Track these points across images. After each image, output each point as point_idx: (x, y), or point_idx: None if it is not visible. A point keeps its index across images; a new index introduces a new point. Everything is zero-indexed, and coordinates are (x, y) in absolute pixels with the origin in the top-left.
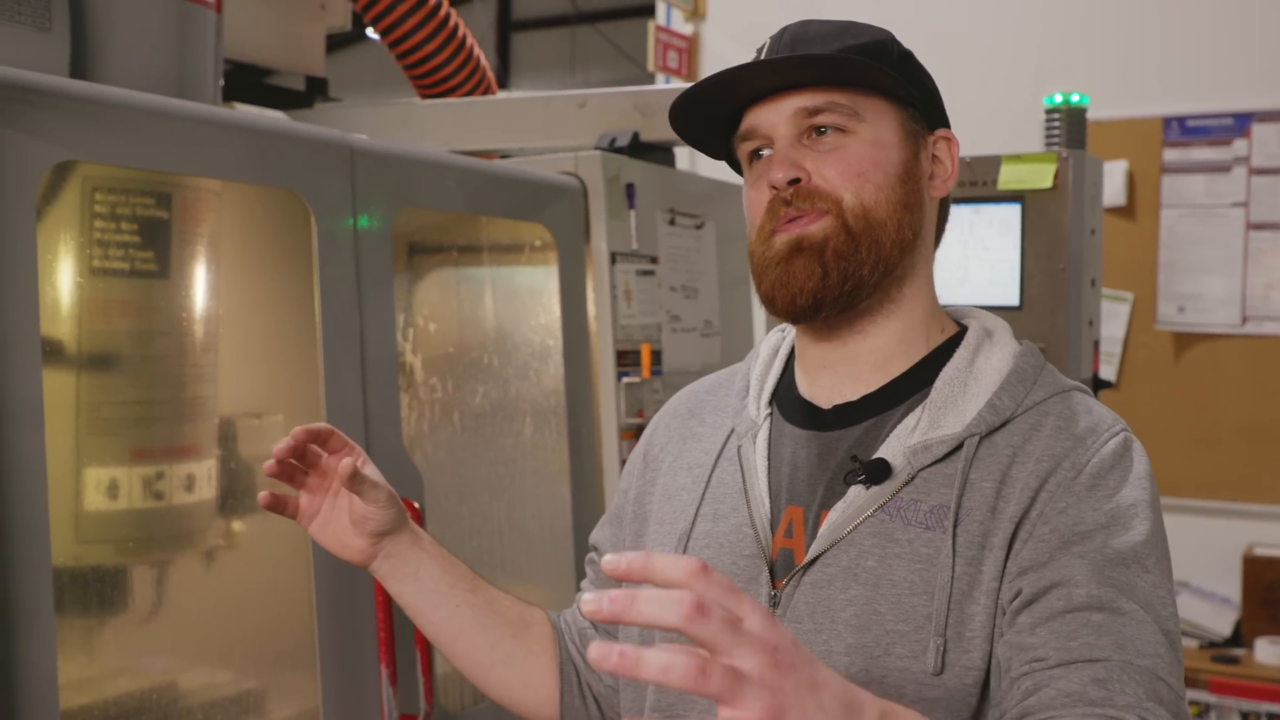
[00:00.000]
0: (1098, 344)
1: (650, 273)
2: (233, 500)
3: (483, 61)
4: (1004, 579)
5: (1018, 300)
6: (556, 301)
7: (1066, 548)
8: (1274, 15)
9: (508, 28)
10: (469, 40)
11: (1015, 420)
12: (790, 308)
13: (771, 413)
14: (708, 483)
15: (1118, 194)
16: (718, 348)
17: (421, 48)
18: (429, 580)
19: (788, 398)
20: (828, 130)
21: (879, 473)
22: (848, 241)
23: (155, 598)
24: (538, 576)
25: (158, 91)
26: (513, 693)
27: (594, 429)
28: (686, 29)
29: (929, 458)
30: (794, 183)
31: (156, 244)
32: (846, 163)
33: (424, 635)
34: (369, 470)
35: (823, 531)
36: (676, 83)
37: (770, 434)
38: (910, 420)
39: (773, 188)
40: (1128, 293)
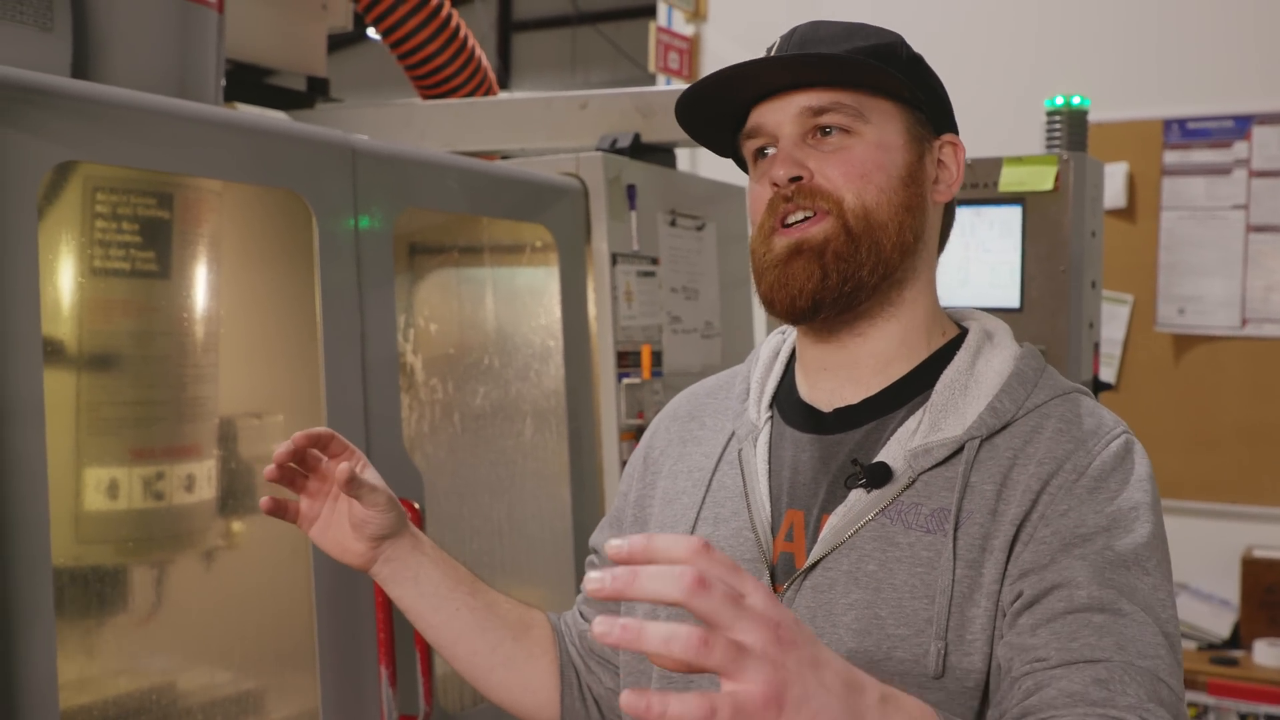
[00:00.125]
0: (1098, 346)
1: (651, 274)
2: (233, 500)
3: (484, 62)
4: (1005, 581)
5: (1018, 302)
6: (557, 302)
7: (1068, 550)
8: (1274, 18)
9: (508, 28)
10: (470, 41)
11: (1016, 423)
12: (789, 309)
13: (772, 416)
14: (708, 486)
15: (1118, 196)
16: (718, 349)
17: (423, 48)
18: (429, 584)
19: (788, 401)
20: (833, 130)
21: (880, 476)
22: (848, 243)
23: (155, 598)
24: (537, 578)
25: (159, 91)
26: (513, 695)
27: (594, 430)
28: (688, 30)
29: (930, 461)
30: (795, 180)
31: (157, 244)
32: (850, 164)
33: (424, 638)
34: (369, 474)
35: (824, 535)
36: (677, 84)
37: (771, 437)
38: (911, 423)
39: (774, 185)
40: (1128, 295)
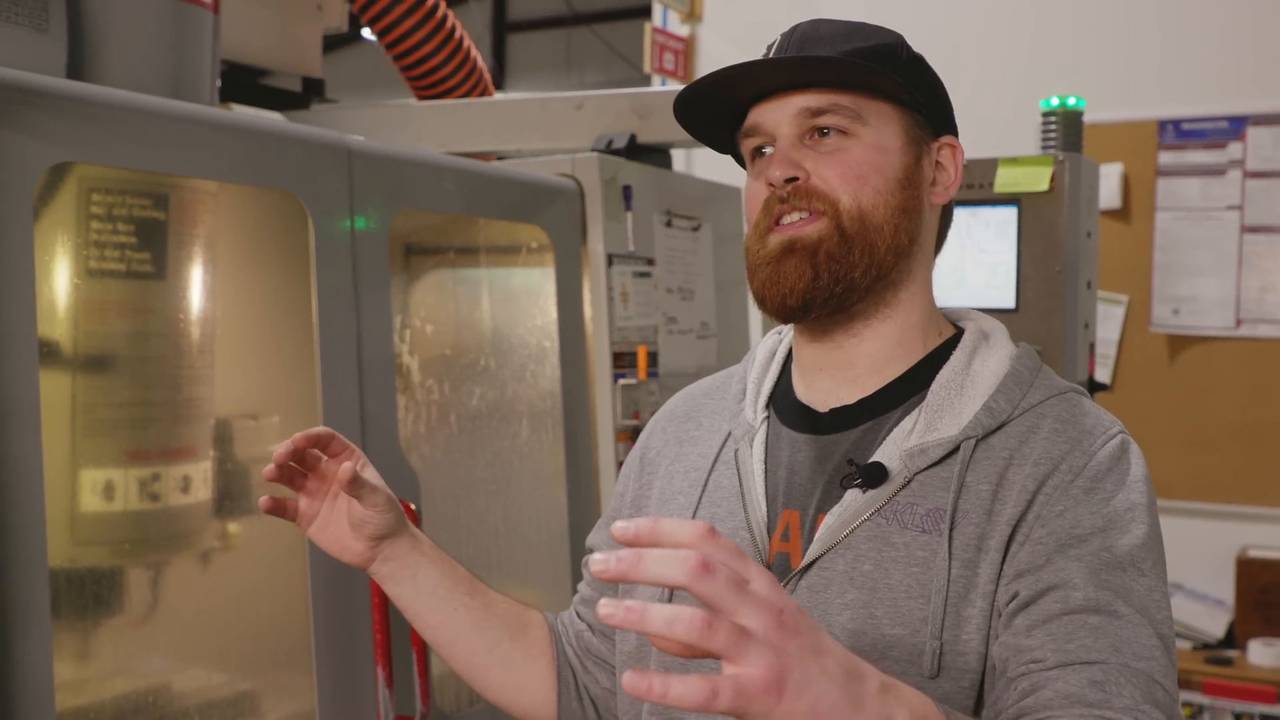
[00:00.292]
0: (1093, 346)
1: (647, 274)
2: (229, 502)
3: (480, 63)
4: (1000, 581)
5: (1014, 303)
6: (553, 303)
7: (1064, 550)
8: (1269, 19)
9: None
10: (466, 41)
11: (1012, 423)
12: (780, 307)
13: (768, 416)
14: (704, 486)
15: (1113, 197)
16: (714, 349)
17: (418, 49)
18: (427, 583)
19: (784, 401)
20: (830, 132)
21: (875, 476)
22: (841, 244)
23: (151, 599)
24: (534, 578)
25: (154, 92)
26: (510, 695)
27: (590, 431)
28: (683, 31)
29: (925, 461)
30: (791, 181)
31: (153, 245)
32: (846, 165)
33: (422, 637)
34: (368, 474)
35: (819, 535)
36: (673, 85)
37: (767, 437)
38: (907, 423)
39: (770, 185)
40: (1123, 295)
